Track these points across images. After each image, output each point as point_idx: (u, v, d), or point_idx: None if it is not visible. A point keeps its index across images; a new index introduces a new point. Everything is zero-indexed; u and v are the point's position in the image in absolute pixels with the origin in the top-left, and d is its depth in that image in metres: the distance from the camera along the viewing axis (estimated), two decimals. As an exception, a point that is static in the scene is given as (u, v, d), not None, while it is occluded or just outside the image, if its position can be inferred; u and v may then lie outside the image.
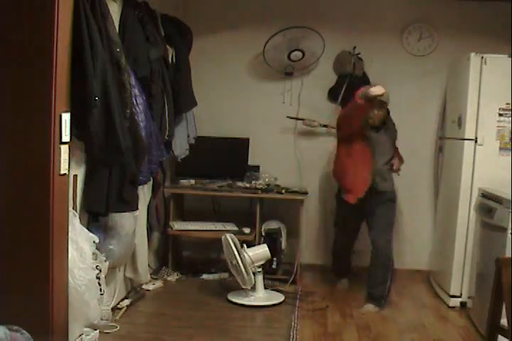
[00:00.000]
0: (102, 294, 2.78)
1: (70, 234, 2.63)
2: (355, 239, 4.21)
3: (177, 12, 4.20)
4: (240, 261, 3.72)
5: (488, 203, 3.50)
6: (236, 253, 3.73)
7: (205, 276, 4.40)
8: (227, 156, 4.65)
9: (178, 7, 4.47)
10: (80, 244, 2.69)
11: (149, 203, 3.89)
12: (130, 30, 3.27)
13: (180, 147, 4.12)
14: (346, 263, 4.35)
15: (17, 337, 2.13)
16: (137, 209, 3.32)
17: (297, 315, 3.65)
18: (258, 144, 4.62)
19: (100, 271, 2.78)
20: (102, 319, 2.80)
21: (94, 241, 2.82)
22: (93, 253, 2.77)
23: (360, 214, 3.97)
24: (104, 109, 2.75)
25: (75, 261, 2.63)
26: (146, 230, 3.82)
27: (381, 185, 3.88)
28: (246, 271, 3.72)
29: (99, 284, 2.76)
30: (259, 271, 3.86)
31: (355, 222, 4.08)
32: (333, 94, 4.62)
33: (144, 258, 3.76)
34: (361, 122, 3.79)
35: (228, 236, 3.82)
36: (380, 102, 3.76)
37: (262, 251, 3.90)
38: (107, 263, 2.92)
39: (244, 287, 3.86)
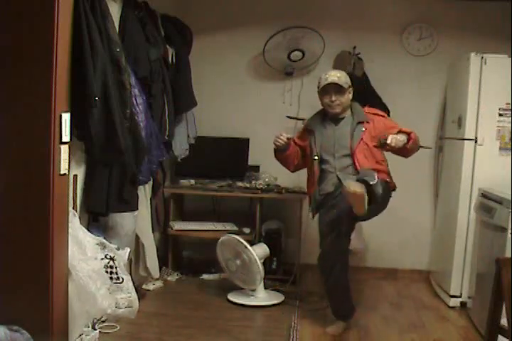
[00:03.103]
0: (118, 282, 2.76)
1: (69, 230, 2.64)
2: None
3: (177, 12, 4.20)
4: (255, 256, 3.72)
5: (488, 203, 3.50)
6: (249, 248, 3.74)
7: (205, 276, 4.40)
8: (227, 156, 4.65)
9: (178, 7, 4.47)
10: (79, 237, 2.69)
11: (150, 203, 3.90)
12: (130, 30, 3.27)
13: (180, 147, 4.13)
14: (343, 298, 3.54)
15: (17, 337, 2.13)
16: (137, 209, 3.33)
17: (297, 315, 3.65)
18: (258, 144, 4.61)
19: (112, 259, 2.76)
20: (118, 307, 2.76)
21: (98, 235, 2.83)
22: (98, 244, 2.77)
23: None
24: (104, 109, 2.75)
25: (74, 254, 2.63)
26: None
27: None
28: (259, 266, 3.73)
29: (112, 273, 2.74)
30: (257, 272, 3.86)
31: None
32: (333, 94, 4.62)
33: (153, 257, 3.78)
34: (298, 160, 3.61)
35: (234, 235, 3.83)
36: (334, 86, 3.38)
37: (262, 248, 3.92)
38: (127, 249, 2.91)
39: (248, 287, 3.86)
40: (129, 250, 2.92)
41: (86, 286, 2.60)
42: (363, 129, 3.41)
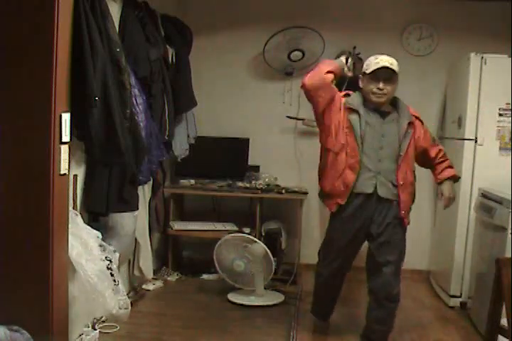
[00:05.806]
0: (116, 284, 2.78)
1: (72, 230, 2.64)
2: (346, 270, 3.36)
3: (177, 12, 4.20)
4: (265, 248, 3.73)
5: (488, 203, 3.50)
6: (258, 241, 3.75)
7: (205, 276, 4.40)
8: (227, 156, 4.65)
9: (178, 7, 4.47)
10: (83, 237, 2.70)
11: (149, 203, 3.89)
12: (130, 30, 3.27)
13: (180, 147, 4.13)
14: (330, 304, 3.43)
15: (17, 337, 2.13)
16: (137, 209, 3.33)
17: (297, 315, 3.65)
18: (258, 144, 4.62)
19: (111, 261, 2.77)
20: (120, 308, 2.79)
21: (98, 237, 2.83)
22: (100, 246, 2.78)
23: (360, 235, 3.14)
24: (104, 109, 2.75)
25: (81, 254, 2.64)
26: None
27: (382, 191, 3.02)
28: (270, 258, 3.73)
29: (112, 275, 2.76)
30: (259, 271, 3.86)
31: (351, 245, 3.21)
32: (333, 94, 4.62)
33: (146, 257, 3.78)
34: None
35: (237, 234, 3.84)
36: (385, 72, 2.91)
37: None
38: (117, 254, 2.92)
39: (254, 286, 3.86)
40: (118, 254, 2.93)
41: (96, 286, 2.61)
42: (410, 132, 3.03)
